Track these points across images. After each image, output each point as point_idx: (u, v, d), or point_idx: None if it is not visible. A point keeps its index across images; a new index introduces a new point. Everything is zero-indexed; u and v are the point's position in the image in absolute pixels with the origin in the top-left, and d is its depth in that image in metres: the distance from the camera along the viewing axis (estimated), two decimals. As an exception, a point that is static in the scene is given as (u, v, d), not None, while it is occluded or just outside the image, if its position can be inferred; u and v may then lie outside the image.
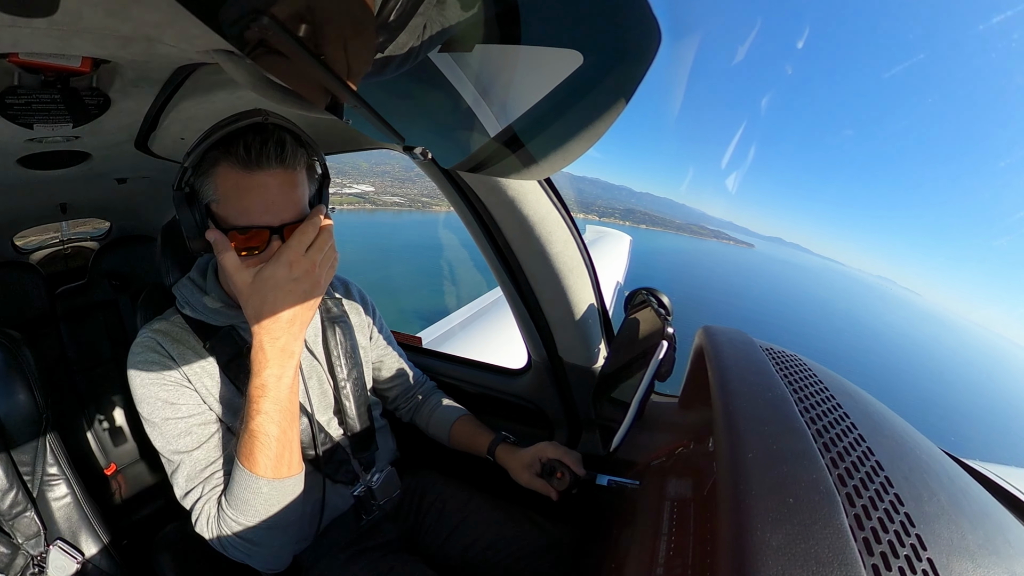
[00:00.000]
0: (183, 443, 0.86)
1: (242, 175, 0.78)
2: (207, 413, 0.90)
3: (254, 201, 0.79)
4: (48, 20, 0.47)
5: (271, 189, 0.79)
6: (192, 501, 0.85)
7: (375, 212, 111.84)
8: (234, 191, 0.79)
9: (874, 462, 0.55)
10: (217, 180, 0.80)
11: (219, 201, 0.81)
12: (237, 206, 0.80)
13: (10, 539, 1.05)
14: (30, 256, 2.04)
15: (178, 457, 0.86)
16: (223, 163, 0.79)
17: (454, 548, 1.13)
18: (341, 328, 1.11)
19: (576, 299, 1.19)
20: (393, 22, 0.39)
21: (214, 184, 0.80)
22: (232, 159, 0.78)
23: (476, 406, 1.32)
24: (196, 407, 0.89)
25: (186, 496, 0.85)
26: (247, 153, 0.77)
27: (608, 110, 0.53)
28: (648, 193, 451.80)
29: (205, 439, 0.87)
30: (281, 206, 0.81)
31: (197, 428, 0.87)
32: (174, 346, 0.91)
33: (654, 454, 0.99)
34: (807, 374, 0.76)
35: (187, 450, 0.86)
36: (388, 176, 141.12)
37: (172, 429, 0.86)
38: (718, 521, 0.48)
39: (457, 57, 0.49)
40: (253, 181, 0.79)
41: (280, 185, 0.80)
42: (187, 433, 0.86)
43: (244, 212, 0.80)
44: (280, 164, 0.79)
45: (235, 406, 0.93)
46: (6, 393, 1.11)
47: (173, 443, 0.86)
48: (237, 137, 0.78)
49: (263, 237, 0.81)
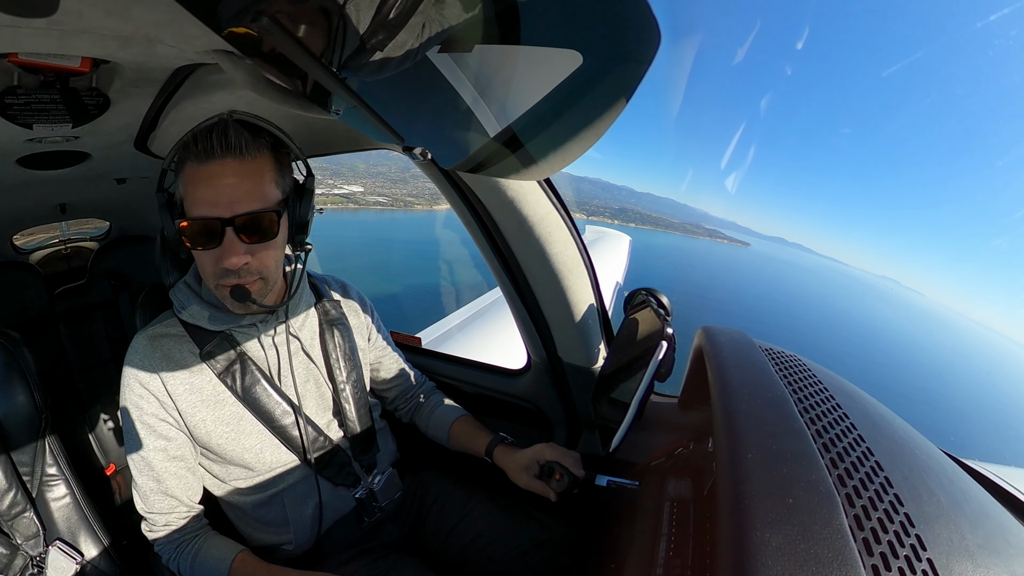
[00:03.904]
0: (149, 462, 0.91)
1: (196, 167, 0.80)
2: (181, 448, 0.93)
3: (206, 192, 0.80)
4: (48, 20, 0.47)
5: (222, 179, 0.79)
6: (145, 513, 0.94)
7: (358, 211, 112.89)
8: (191, 184, 0.81)
9: (874, 462, 0.55)
10: (183, 178, 0.82)
11: (184, 199, 0.83)
12: (191, 198, 0.81)
13: (9, 539, 1.05)
14: (30, 256, 2.04)
15: (140, 477, 0.92)
16: (187, 161, 0.81)
17: (454, 547, 1.13)
18: (339, 330, 1.10)
19: (576, 299, 1.19)
20: (392, 21, 0.39)
21: (182, 183, 0.82)
22: (191, 154, 0.79)
23: (475, 406, 1.31)
24: (173, 435, 0.93)
25: (143, 511, 0.94)
26: (196, 144, 0.78)
27: (608, 110, 0.53)
28: (649, 193, 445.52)
29: (168, 472, 0.92)
30: (234, 197, 0.80)
31: (162, 461, 0.92)
32: (165, 359, 0.92)
33: (654, 454, 0.99)
34: (807, 374, 0.76)
35: (148, 472, 0.91)
36: (383, 177, 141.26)
37: (146, 449, 0.91)
38: (718, 521, 0.48)
39: (457, 57, 0.49)
40: (204, 172, 0.79)
41: (233, 175, 0.80)
42: (149, 468, 0.91)
43: (196, 203, 0.80)
44: (230, 153, 0.79)
45: (226, 417, 0.95)
46: (5, 393, 1.10)
47: (139, 462, 0.91)
48: (199, 133, 0.80)
49: (215, 230, 0.80)
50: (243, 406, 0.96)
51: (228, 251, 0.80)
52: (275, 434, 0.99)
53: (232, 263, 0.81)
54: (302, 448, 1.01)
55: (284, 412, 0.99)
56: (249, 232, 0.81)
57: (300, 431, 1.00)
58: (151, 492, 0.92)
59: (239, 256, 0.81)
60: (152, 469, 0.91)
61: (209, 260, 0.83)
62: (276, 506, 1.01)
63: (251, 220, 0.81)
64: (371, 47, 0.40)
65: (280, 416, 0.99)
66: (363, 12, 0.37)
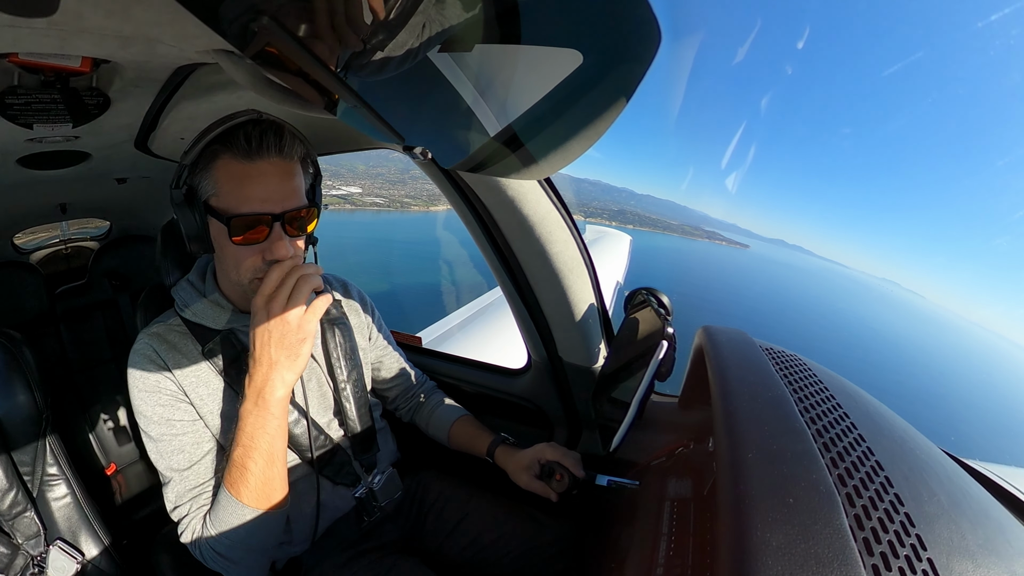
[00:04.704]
0: (176, 461, 0.88)
1: (243, 164, 0.80)
2: (201, 431, 0.91)
3: (255, 189, 0.81)
4: (48, 20, 0.47)
5: (271, 177, 0.81)
6: (180, 516, 0.88)
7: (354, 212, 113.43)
8: (235, 181, 0.81)
9: (874, 462, 0.55)
10: (217, 173, 0.81)
11: (218, 194, 0.82)
12: (239, 195, 0.81)
13: (10, 539, 1.05)
14: (30, 256, 2.04)
15: (171, 474, 0.88)
16: (223, 155, 0.80)
17: (455, 547, 1.13)
18: (340, 330, 1.10)
19: (576, 299, 1.19)
20: (392, 20, 0.39)
21: (214, 178, 0.81)
22: (233, 150, 0.79)
23: (476, 406, 1.32)
24: (190, 424, 0.90)
25: (175, 510, 0.89)
26: (248, 143, 0.79)
27: (608, 110, 0.53)
28: (649, 195, 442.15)
29: (198, 459, 0.90)
30: (282, 194, 0.83)
31: (190, 447, 0.89)
32: (171, 354, 0.91)
33: (654, 454, 0.99)
34: (807, 374, 0.76)
35: (179, 468, 0.88)
36: (381, 178, 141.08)
37: (167, 446, 0.88)
38: (718, 521, 0.48)
39: (457, 57, 0.49)
40: (254, 169, 0.80)
41: (279, 174, 0.82)
42: (180, 451, 0.88)
43: (246, 200, 0.81)
44: (279, 153, 0.81)
45: (231, 414, 0.94)
46: (6, 393, 1.11)
47: (167, 459, 0.88)
48: (236, 130, 0.79)
49: (264, 229, 0.83)
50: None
51: (277, 245, 0.83)
52: None
53: (282, 254, 0.84)
54: (303, 447, 1.01)
55: None
56: (294, 226, 0.85)
57: (302, 430, 1.00)
58: (183, 478, 0.87)
59: (287, 248, 0.83)
60: (182, 450, 0.88)
61: (250, 253, 0.84)
62: (276, 505, 1.01)
63: (297, 215, 0.85)
64: (371, 47, 0.40)
65: None
66: (363, 12, 0.37)
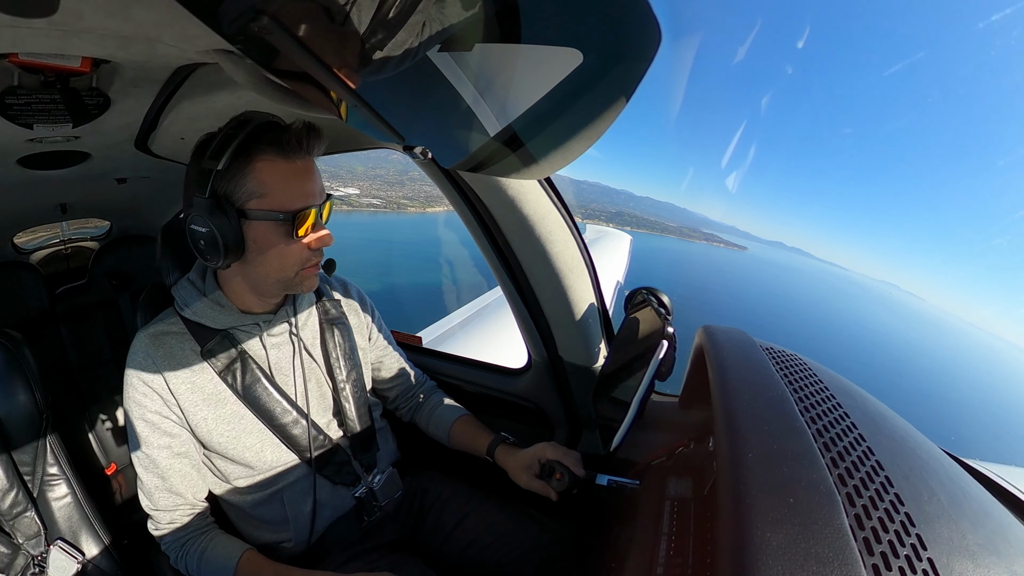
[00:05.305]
0: (153, 459, 0.92)
1: (289, 163, 0.84)
2: (185, 444, 0.94)
3: (304, 184, 0.86)
4: (48, 20, 0.47)
5: (312, 173, 0.88)
6: (151, 510, 0.95)
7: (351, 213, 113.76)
8: (285, 180, 0.84)
9: (874, 462, 0.55)
10: (261, 176, 0.82)
11: (268, 194, 0.83)
12: (294, 191, 0.85)
13: (10, 539, 1.06)
14: (30, 256, 2.04)
15: (145, 474, 0.93)
16: (263, 157, 0.82)
17: (455, 547, 1.13)
18: (340, 330, 1.11)
19: (576, 298, 1.19)
20: (392, 20, 0.39)
21: (258, 180, 0.82)
22: (273, 149, 0.82)
23: (476, 405, 1.31)
24: (176, 431, 0.93)
25: (149, 508, 0.95)
26: (299, 142, 0.83)
27: (608, 109, 0.53)
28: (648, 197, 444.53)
29: (172, 469, 0.93)
30: (320, 187, 0.89)
31: (167, 458, 0.93)
32: (167, 357, 0.92)
33: (654, 454, 0.99)
34: (807, 374, 0.76)
35: (153, 469, 0.92)
36: (380, 180, 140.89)
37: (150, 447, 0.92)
38: (718, 521, 0.48)
39: (457, 56, 0.49)
40: (299, 167, 0.85)
41: (313, 168, 0.89)
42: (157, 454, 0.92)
43: (303, 196, 0.86)
44: (311, 152, 0.87)
45: (225, 416, 0.95)
46: (6, 393, 1.11)
47: (144, 459, 0.92)
48: (281, 131, 0.83)
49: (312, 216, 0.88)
50: (244, 405, 0.97)
51: (325, 233, 0.91)
52: (275, 433, 0.99)
53: (328, 241, 0.91)
54: (302, 447, 1.01)
55: (284, 411, 1.00)
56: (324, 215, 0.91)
57: (302, 430, 1.00)
58: (156, 489, 0.93)
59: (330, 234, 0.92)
60: (157, 466, 0.92)
61: (299, 246, 0.89)
62: (275, 504, 1.01)
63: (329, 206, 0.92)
64: (371, 46, 0.40)
65: (280, 415, 0.99)
66: (363, 12, 0.37)
